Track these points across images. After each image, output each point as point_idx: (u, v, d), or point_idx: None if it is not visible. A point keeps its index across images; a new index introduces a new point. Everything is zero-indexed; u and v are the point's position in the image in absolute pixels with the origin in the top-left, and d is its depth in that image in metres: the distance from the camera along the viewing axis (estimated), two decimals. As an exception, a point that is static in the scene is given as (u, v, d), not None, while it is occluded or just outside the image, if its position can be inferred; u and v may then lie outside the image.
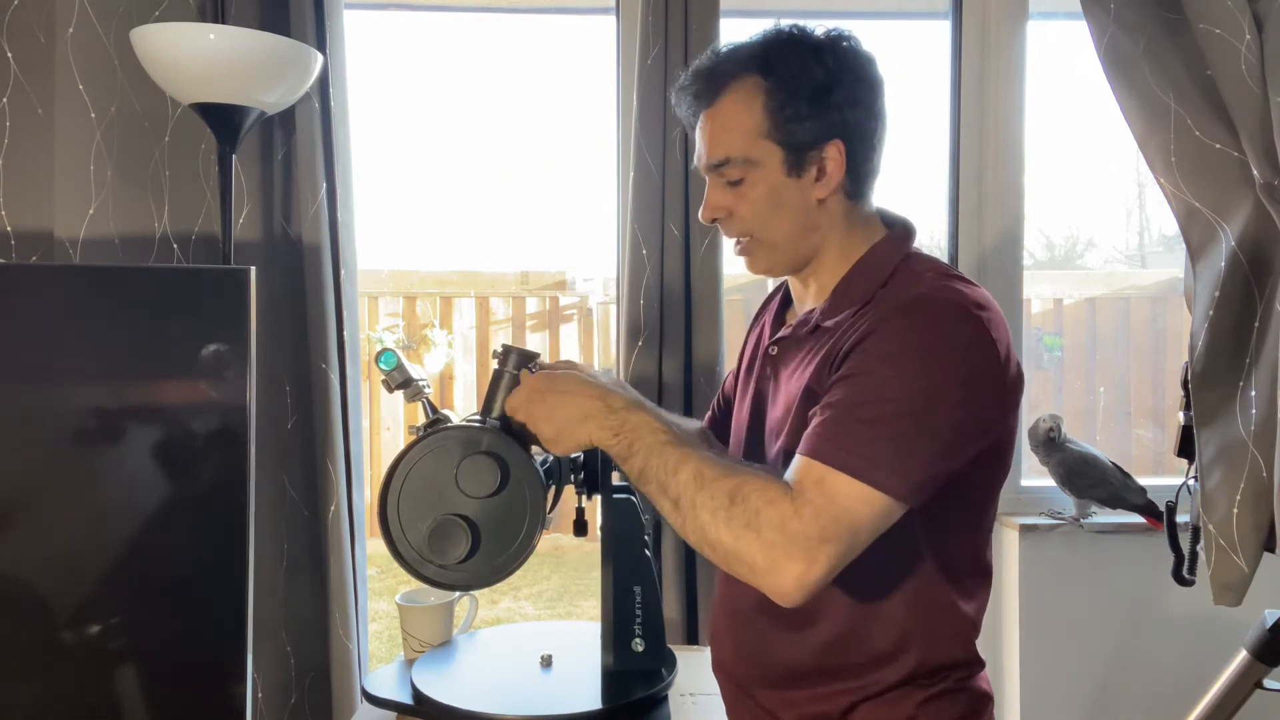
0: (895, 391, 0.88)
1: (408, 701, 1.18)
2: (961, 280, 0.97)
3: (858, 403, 0.89)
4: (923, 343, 0.90)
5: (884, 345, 0.91)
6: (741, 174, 1.01)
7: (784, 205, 1.02)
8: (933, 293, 0.94)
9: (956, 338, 0.91)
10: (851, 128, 1.00)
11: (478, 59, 4.67)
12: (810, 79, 0.99)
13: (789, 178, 1.00)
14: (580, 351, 4.41)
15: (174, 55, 1.37)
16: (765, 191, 1.01)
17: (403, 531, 1.04)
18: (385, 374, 1.13)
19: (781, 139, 0.99)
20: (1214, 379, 1.55)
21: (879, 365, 0.90)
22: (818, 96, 0.98)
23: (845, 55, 1.00)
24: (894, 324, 0.92)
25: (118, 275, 1.30)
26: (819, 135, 0.99)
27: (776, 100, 0.99)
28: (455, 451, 1.03)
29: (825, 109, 0.99)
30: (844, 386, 0.91)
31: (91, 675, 1.21)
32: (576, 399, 0.96)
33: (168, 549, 1.23)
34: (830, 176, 1.00)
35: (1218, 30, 1.47)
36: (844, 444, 0.88)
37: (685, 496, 0.89)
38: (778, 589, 0.85)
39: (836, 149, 0.99)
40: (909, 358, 0.89)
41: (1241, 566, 1.52)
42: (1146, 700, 1.85)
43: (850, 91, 1.00)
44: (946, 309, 0.92)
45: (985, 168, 1.89)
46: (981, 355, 0.91)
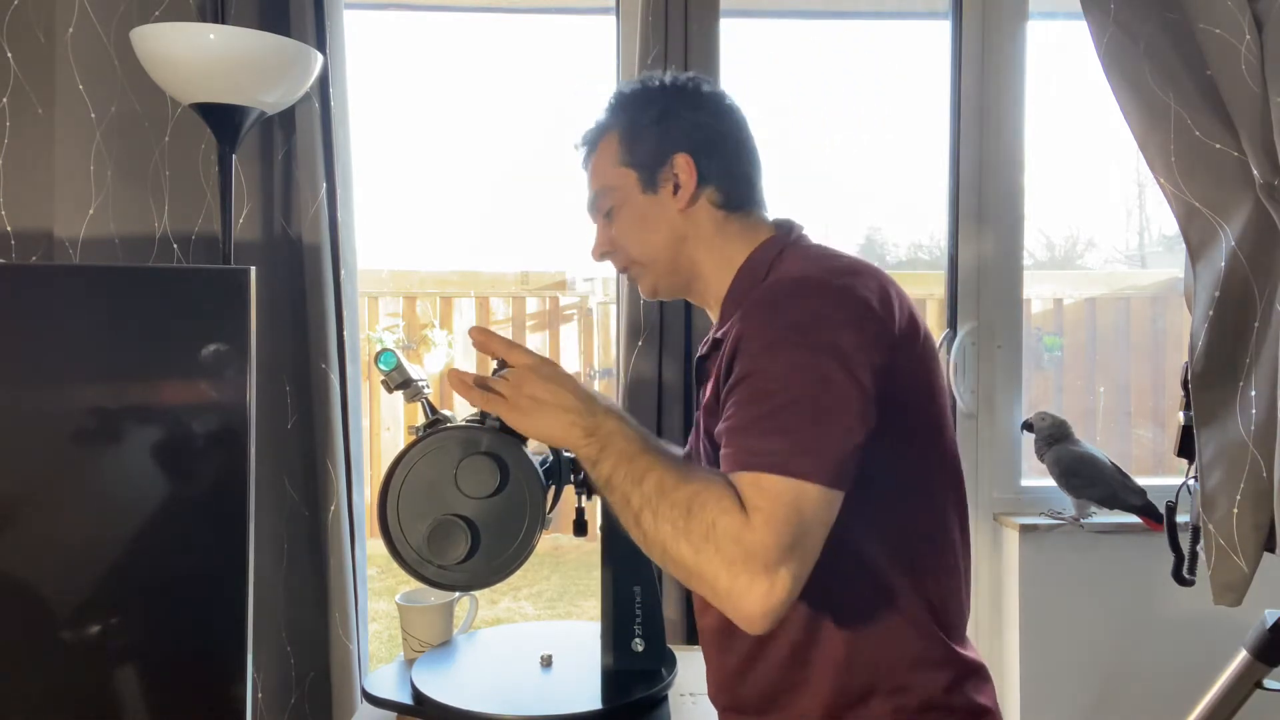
0: (780, 382, 0.88)
1: (408, 701, 1.18)
2: (827, 257, 1.01)
3: (753, 404, 0.89)
4: (786, 325, 0.91)
5: (754, 342, 0.92)
6: (610, 203, 1.11)
7: (649, 221, 1.10)
8: (786, 275, 0.98)
9: (821, 310, 0.91)
10: (698, 141, 1.08)
11: (478, 59, 4.67)
12: (653, 107, 1.10)
13: (646, 194, 1.09)
14: (580, 351, 4.41)
15: (174, 55, 1.37)
16: (631, 212, 1.10)
17: (402, 532, 1.04)
18: (385, 374, 1.13)
19: (632, 161, 1.09)
20: (1214, 379, 1.55)
21: (757, 362, 0.90)
22: (659, 118, 1.09)
23: (684, 84, 1.12)
24: (757, 317, 0.93)
25: (118, 275, 1.30)
26: (664, 150, 1.08)
27: (627, 131, 1.10)
28: (455, 452, 1.03)
29: (665, 127, 1.08)
30: (736, 394, 0.92)
31: (91, 675, 1.21)
32: (560, 393, 0.94)
33: (168, 549, 1.23)
34: (684, 187, 1.07)
35: (1218, 30, 1.47)
36: (757, 448, 0.87)
37: (648, 508, 0.87)
38: (743, 614, 0.83)
39: (685, 160, 1.07)
40: (779, 345, 0.90)
41: (1241, 566, 1.52)
42: (1146, 700, 1.85)
43: (690, 111, 1.09)
44: (800, 286, 0.94)
45: (985, 168, 1.89)
46: (854, 318, 0.91)
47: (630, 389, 1.68)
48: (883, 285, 0.96)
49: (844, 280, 0.94)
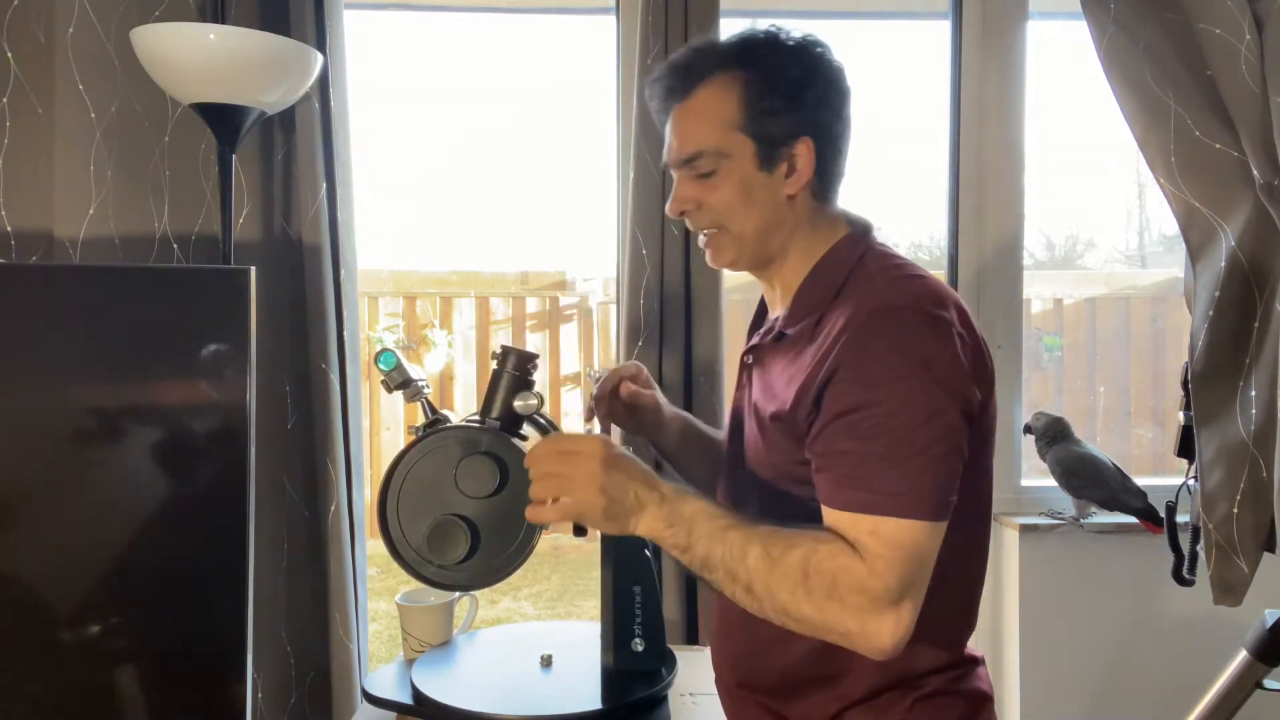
0: (892, 419, 0.89)
1: (408, 701, 1.18)
2: (913, 277, 0.98)
3: (863, 442, 0.90)
4: (895, 361, 0.90)
5: (860, 375, 0.91)
6: (713, 166, 1.02)
7: (754, 198, 1.02)
8: (889, 304, 0.94)
9: (924, 346, 0.91)
10: (822, 127, 1.02)
11: (478, 59, 4.67)
12: (787, 75, 1.01)
13: (760, 171, 1.01)
14: (580, 351, 4.41)
15: (174, 55, 1.37)
16: (736, 184, 1.02)
17: (402, 532, 1.04)
18: (385, 374, 1.13)
19: (755, 132, 1.01)
20: (1214, 379, 1.55)
21: (864, 396, 0.90)
22: (793, 93, 1.00)
23: (819, 59, 1.03)
24: (862, 351, 0.92)
25: (118, 275, 1.30)
26: (791, 131, 1.01)
27: (753, 93, 1.00)
28: (455, 452, 1.04)
29: (799, 106, 1.00)
30: (839, 428, 0.91)
31: (91, 675, 1.21)
32: (627, 484, 0.93)
33: (168, 549, 1.23)
34: (800, 173, 1.02)
35: (1218, 30, 1.47)
36: (872, 488, 0.89)
37: (758, 580, 0.89)
38: (875, 649, 0.88)
39: (807, 146, 1.01)
40: (889, 380, 0.90)
41: (1241, 566, 1.52)
42: (1146, 700, 1.85)
43: (822, 93, 1.02)
44: (905, 319, 0.92)
45: (985, 168, 1.89)
46: (950, 353, 0.92)
47: (630, 389, 1.68)
48: (964, 312, 0.97)
49: (942, 312, 0.94)
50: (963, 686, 1.03)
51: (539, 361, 1.15)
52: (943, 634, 1.02)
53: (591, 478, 0.92)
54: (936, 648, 1.01)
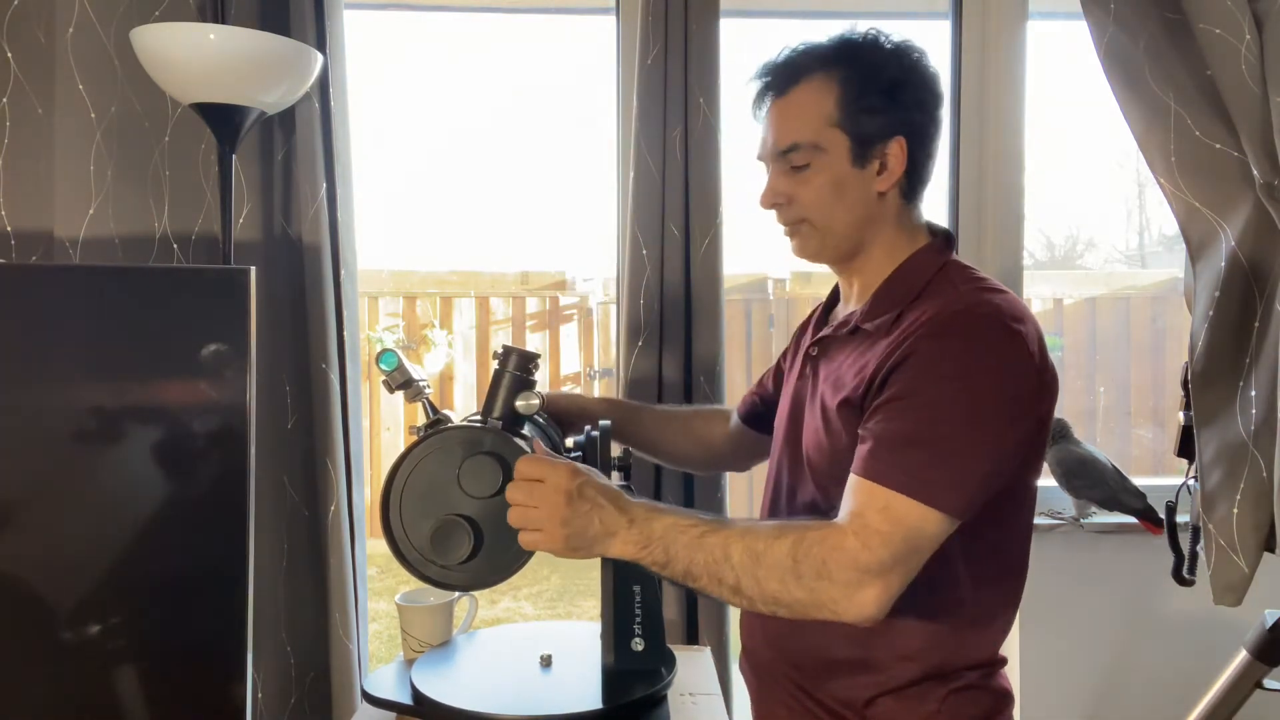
0: (946, 412, 0.91)
1: (407, 702, 1.18)
2: (996, 291, 1.00)
3: (911, 425, 0.92)
4: (967, 361, 0.93)
5: (929, 365, 0.93)
6: (807, 159, 1.04)
7: (846, 194, 1.05)
8: (972, 309, 0.96)
9: (998, 354, 0.93)
10: (915, 128, 1.05)
11: (478, 59, 4.67)
12: (884, 75, 1.04)
13: (853, 168, 1.04)
14: (580, 351, 4.41)
15: (174, 55, 1.37)
16: (830, 179, 1.04)
17: (405, 532, 1.04)
18: (386, 374, 1.13)
19: (850, 129, 1.03)
20: (1214, 379, 1.55)
21: (927, 386, 0.92)
22: (890, 92, 1.03)
23: (916, 63, 1.07)
24: (937, 343, 0.94)
25: (118, 275, 1.30)
26: (886, 130, 1.03)
27: (850, 90, 1.03)
28: (457, 452, 1.04)
29: (894, 106, 1.03)
30: (895, 409, 0.93)
31: (91, 675, 1.21)
32: (591, 513, 0.95)
33: (168, 549, 1.23)
34: (892, 171, 1.04)
35: (1218, 30, 1.47)
36: (904, 467, 0.90)
37: (745, 577, 0.91)
38: (859, 616, 0.89)
39: (900, 145, 1.04)
40: (955, 377, 0.92)
41: (1241, 566, 1.52)
42: (1146, 700, 1.85)
43: (917, 94, 1.06)
44: (986, 325, 0.94)
45: (985, 168, 1.89)
46: (1021, 369, 0.94)
47: (630, 389, 1.68)
48: (1039, 332, 0.99)
49: (1020, 326, 0.95)
50: (992, 683, 1.05)
51: (540, 361, 1.15)
52: (991, 627, 1.04)
53: (554, 510, 0.94)
54: (982, 642, 1.04)
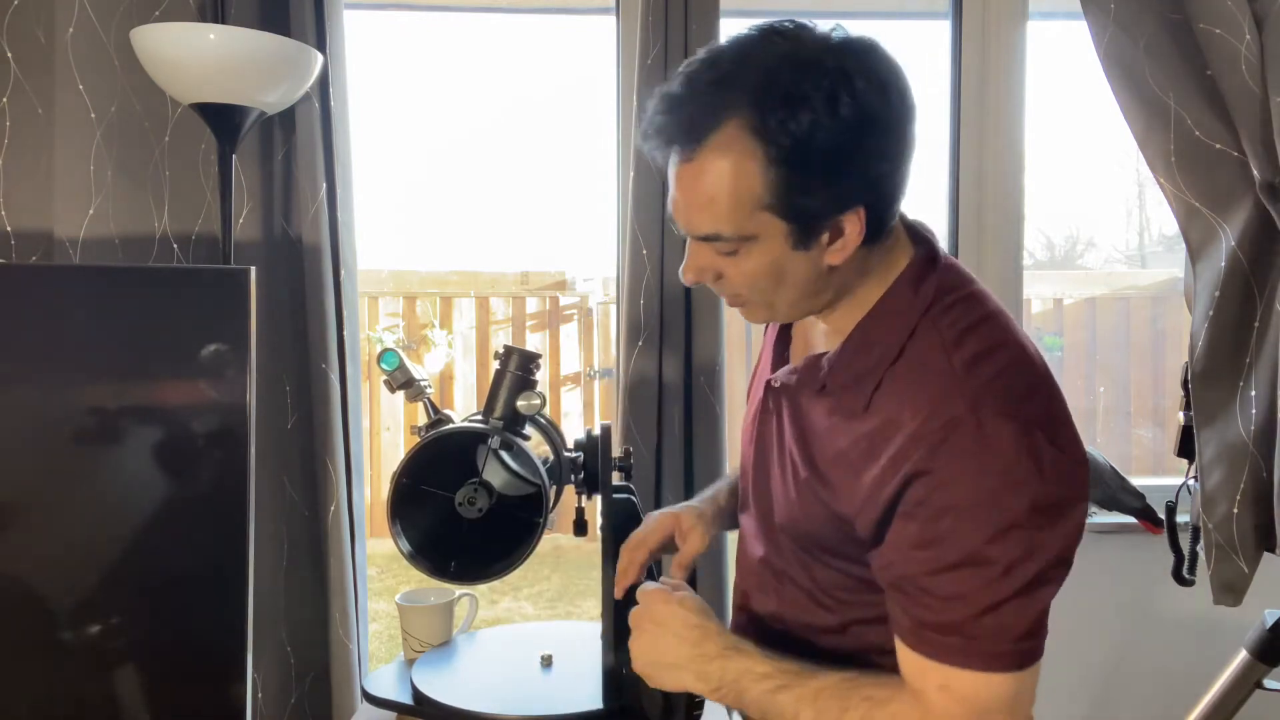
0: (999, 560, 0.78)
1: (408, 702, 1.18)
2: (995, 354, 0.83)
3: (959, 582, 0.79)
4: (990, 489, 0.78)
5: (948, 498, 0.79)
6: (734, 248, 0.83)
7: (788, 276, 0.85)
8: (975, 409, 0.79)
9: (1021, 470, 0.78)
10: (876, 187, 0.81)
11: (478, 59, 4.67)
12: (822, 143, 0.77)
13: (795, 250, 0.83)
14: (580, 351, 4.41)
15: (174, 55, 1.37)
16: (765, 263, 0.84)
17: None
18: (387, 374, 1.13)
19: (787, 214, 0.80)
20: (1214, 379, 1.55)
21: (966, 529, 0.78)
22: (833, 166, 0.78)
23: (869, 91, 0.78)
24: (956, 469, 0.79)
25: (118, 275, 1.30)
26: (835, 206, 0.81)
27: (778, 171, 0.78)
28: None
29: (846, 174, 0.79)
30: (926, 561, 0.80)
31: (91, 675, 1.21)
32: (672, 643, 0.91)
33: (168, 549, 1.22)
34: (848, 242, 0.82)
35: (1218, 30, 1.47)
36: (956, 633, 0.80)
37: None
38: None
39: (857, 216, 0.81)
40: (993, 512, 0.78)
41: (1241, 566, 1.52)
42: (1146, 700, 1.85)
43: (876, 145, 0.79)
44: (1000, 432, 0.78)
45: (985, 168, 1.89)
46: (1048, 473, 0.79)
47: (630, 389, 1.68)
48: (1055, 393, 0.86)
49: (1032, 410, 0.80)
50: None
51: (541, 361, 1.15)
52: None
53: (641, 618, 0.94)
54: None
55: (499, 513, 1.12)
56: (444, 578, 1.09)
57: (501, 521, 1.12)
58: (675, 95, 0.81)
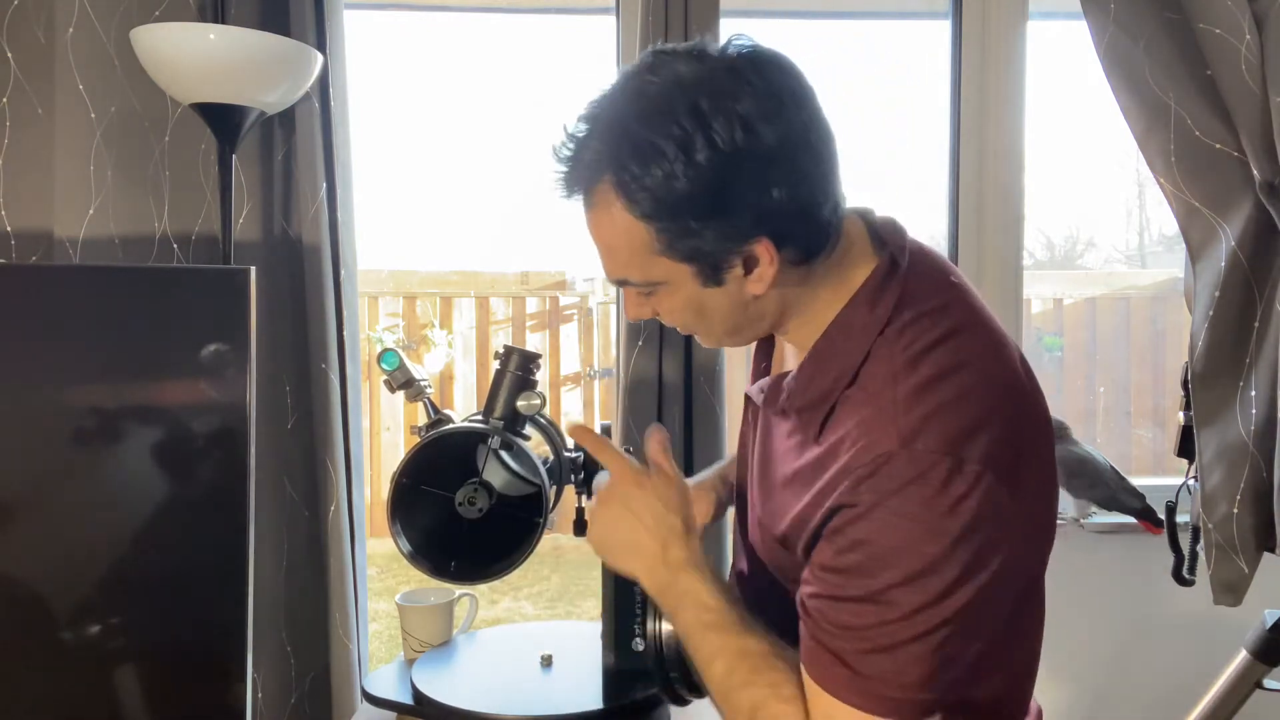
0: (901, 603, 0.74)
1: (408, 701, 1.18)
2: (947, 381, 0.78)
3: (855, 615, 0.76)
4: (914, 531, 0.74)
5: (871, 535, 0.76)
6: (649, 290, 0.85)
7: (712, 311, 0.85)
8: (908, 444, 0.75)
9: (951, 510, 0.74)
10: (773, 214, 0.77)
11: (478, 59, 4.67)
12: (683, 192, 0.75)
13: (707, 288, 0.82)
14: (580, 351, 4.41)
15: (174, 55, 1.37)
16: (684, 303, 0.84)
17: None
18: (387, 374, 1.13)
19: (682, 258, 0.80)
20: (1214, 379, 1.55)
21: (873, 567, 0.75)
22: (707, 210, 0.76)
23: (732, 129, 0.74)
24: (877, 505, 0.75)
25: (118, 275, 1.30)
26: (730, 241, 0.78)
27: (654, 224, 0.78)
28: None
29: (723, 214, 0.77)
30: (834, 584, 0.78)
31: (91, 675, 1.21)
32: (639, 531, 0.88)
33: (168, 549, 1.22)
34: (764, 272, 0.80)
35: (1218, 30, 1.47)
36: (849, 672, 0.76)
37: (715, 692, 0.84)
38: None
39: (763, 246, 0.78)
40: (904, 554, 0.74)
41: (1241, 566, 1.52)
42: (1146, 700, 1.85)
43: (755, 177, 0.76)
44: (930, 474, 0.74)
45: (985, 168, 1.89)
46: (984, 512, 0.75)
47: (630, 389, 1.68)
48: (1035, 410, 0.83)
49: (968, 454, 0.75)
50: None
51: (541, 362, 1.15)
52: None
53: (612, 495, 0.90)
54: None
55: (499, 513, 1.12)
56: (444, 577, 1.09)
57: (502, 521, 1.12)
58: (564, 154, 0.82)
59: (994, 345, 0.84)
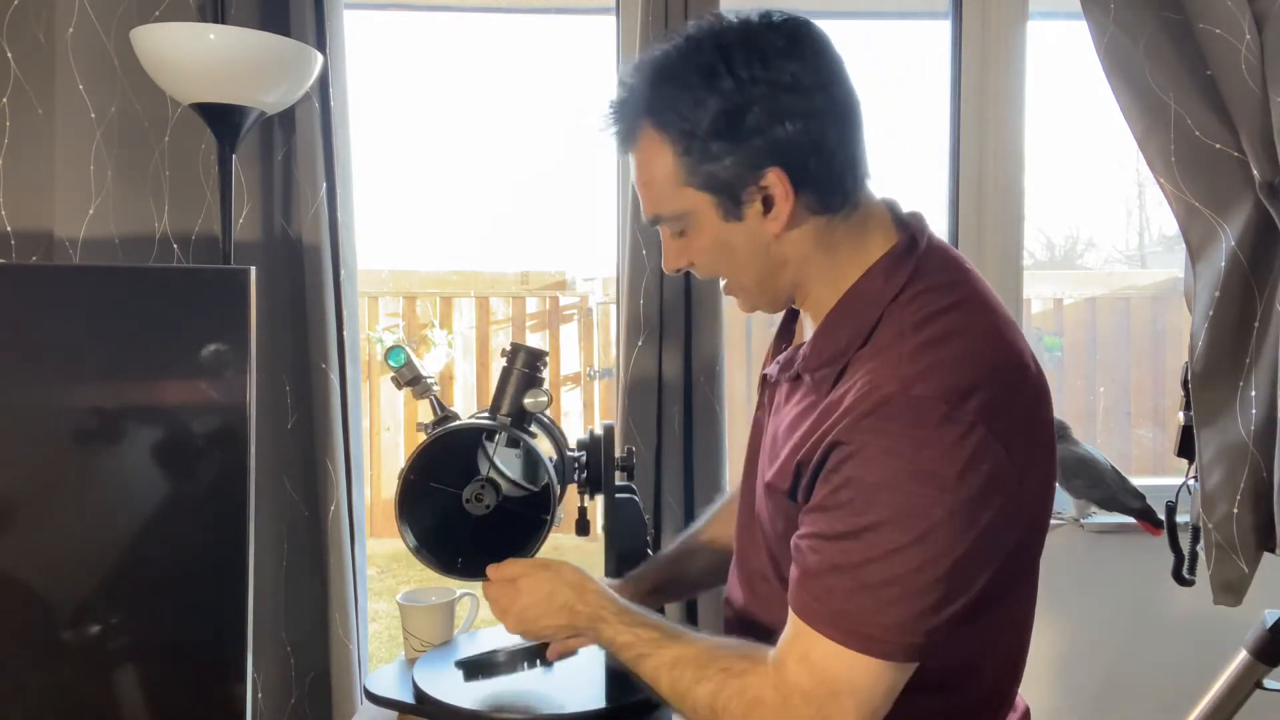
0: (875, 535, 0.77)
1: (409, 700, 1.18)
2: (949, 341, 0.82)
3: (837, 550, 0.79)
4: (895, 468, 0.77)
5: (855, 469, 0.78)
6: (679, 226, 0.92)
7: (736, 251, 0.90)
8: (905, 389, 0.78)
9: (930, 455, 0.76)
10: (786, 146, 0.84)
11: (478, 59, 4.67)
12: (707, 111, 0.84)
13: (729, 222, 0.88)
14: (580, 351, 4.41)
15: (174, 55, 1.37)
16: (710, 241, 0.91)
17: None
18: (395, 370, 1.13)
19: (704, 185, 0.87)
20: (1214, 379, 1.55)
21: (862, 504, 0.78)
22: (727, 132, 0.84)
23: (751, 62, 0.83)
24: (872, 444, 0.78)
25: (118, 275, 1.30)
26: (746, 169, 0.85)
27: (680, 146, 0.86)
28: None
29: (742, 137, 0.84)
30: (822, 522, 0.81)
31: (91, 675, 1.21)
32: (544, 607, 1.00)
33: (168, 549, 1.22)
34: (779, 208, 0.86)
35: (1218, 30, 1.47)
36: (828, 604, 0.78)
37: (676, 703, 0.89)
38: None
39: (776, 176, 0.85)
40: (894, 492, 0.77)
41: (1241, 566, 1.52)
42: (1146, 700, 1.85)
43: (771, 106, 0.83)
44: (917, 417, 0.77)
45: (985, 168, 1.89)
46: (962, 463, 0.76)
47: (630, 389, 1.68)
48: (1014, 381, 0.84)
49: (964, 405, 0.77)
50: None
51: (548, 359, 1.15)
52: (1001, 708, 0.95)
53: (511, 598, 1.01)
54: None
55: (506, 510, 1.12)
56: (451, 573, 1.09)
57: (508, 518, 1.12)
58: (612, 104, 0.92)
59: (1000, 323, 0.89)
